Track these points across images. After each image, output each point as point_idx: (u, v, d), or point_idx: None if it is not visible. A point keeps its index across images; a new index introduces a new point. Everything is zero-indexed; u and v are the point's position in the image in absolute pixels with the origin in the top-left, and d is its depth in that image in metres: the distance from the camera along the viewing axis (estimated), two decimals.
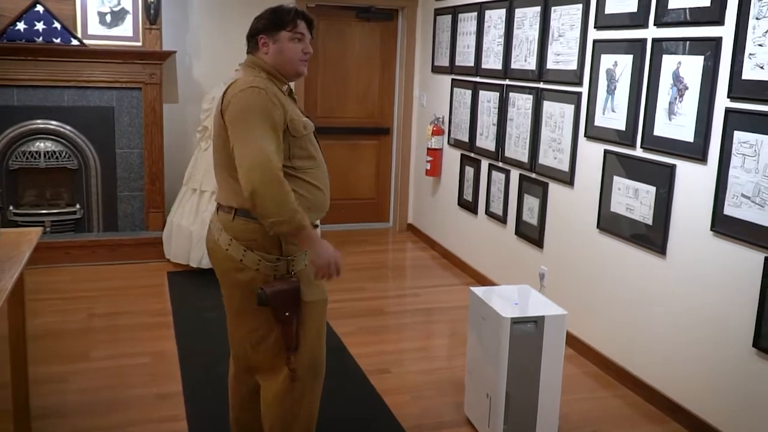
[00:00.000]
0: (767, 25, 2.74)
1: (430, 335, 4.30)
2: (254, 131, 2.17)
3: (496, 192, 4.89)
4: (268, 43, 2.35)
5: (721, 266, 3.01)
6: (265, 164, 2.12)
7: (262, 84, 2.25)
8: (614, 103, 3.63)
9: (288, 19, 2.34)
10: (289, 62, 2.36)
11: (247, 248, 2.29)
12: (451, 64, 5.53)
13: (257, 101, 2.20)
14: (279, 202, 2.13)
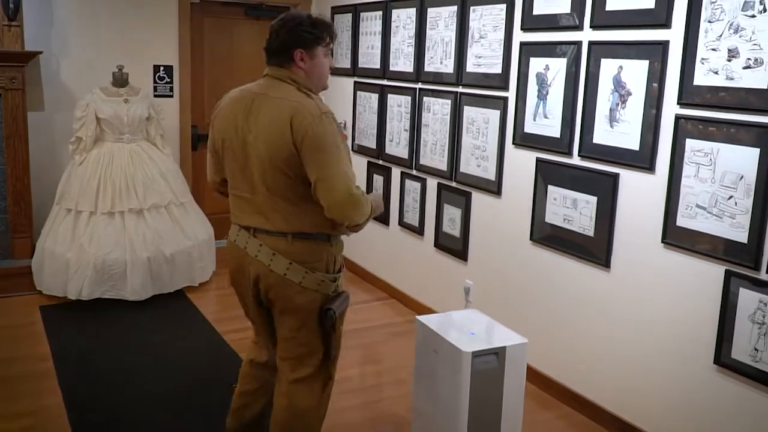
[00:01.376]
0: (721, 28, 2.63)
1: (353, 363, 3.94)
2: (338, 163, 2.20)
3: (411, 202, 4.62)
4: (305, 58, 2.32)
5: (674, 279, 2.89)
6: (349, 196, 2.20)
7: (326, 108, 2.27)
8: (547, 109, 3.45)
9: (324, 35, 2.34)
10: (321, 78, 2.38)
11: (308, 270, 2.31)
12: (354, 66, 5.20)
13: (334, 130, 2.23)
14: (365, 214, 2.29)
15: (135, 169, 4.69)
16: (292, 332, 2.40)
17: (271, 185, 2.27)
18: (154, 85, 5.29)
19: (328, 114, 2.24)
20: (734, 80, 2.60)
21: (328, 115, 2.23)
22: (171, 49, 5.33)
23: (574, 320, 3.38)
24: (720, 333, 2.72)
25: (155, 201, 4.68)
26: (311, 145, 2.18)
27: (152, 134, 4.93)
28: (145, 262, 4.54)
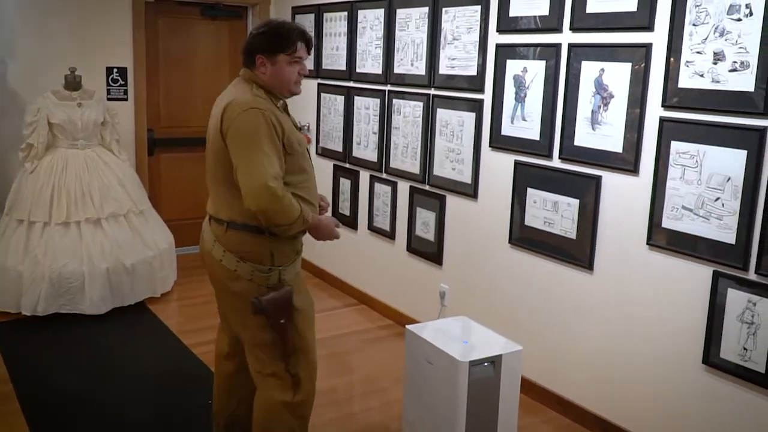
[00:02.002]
0: (706, 32, 2.65)
1: (331, 373, 3.83)
2: (256, 154, 2.24)
3: (381, 206, 4.55)
4: (266, 63, 2.39)
5: (660, 281, 2.91)
6: (264, 187, 2.21)
7: (262, 104, 2.30)
8: (525, 112, 3.43)
9: (288, 42, 2.38)
10: (284, 84, 2.41)
11: (240, 259, 2.38)
12: (317, 68, 5.09)
13: (258, 123, 2.26)
14: (284, 214, 2.28)
15: (91, 176, 4.47)
16: (238, 320, 2.50)
17: (215, 173, 2.42)
18: (107, 87, 5.06)
19: (256, 109, 2.28)
20: (720, 83, 2.62)
21: (256, 111, 2.28)
22: (125, 50, 5.11)
23: (557, 323, 3.37)
24: (708, 333, 2.74)
25: (113, 209, 4.47)
26: (233, 135, 2.28)
27: (107, 139, 4.72)
28: (103, 274, 4.33)
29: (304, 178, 2.43)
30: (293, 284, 2.45)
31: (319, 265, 5.33)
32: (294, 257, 2.48)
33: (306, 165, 2.45)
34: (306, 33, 2.46)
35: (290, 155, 2.34)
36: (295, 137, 2.39)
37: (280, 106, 2.42)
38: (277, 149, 2.29)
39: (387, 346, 4.19)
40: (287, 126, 2.38)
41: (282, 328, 2.40)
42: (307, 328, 2.53)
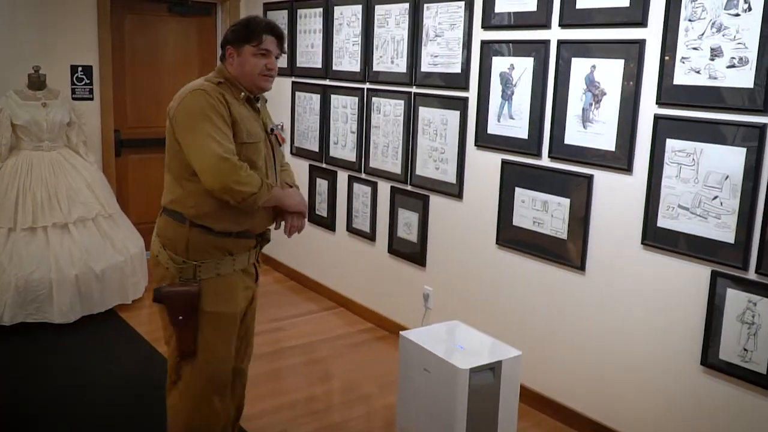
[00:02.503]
0: (703, 27, 2.61)
1: (312, 380, 3.71)
2: (201, 133, 2.22)
3: (360, 206, 4.44)
4: (234, 54, 2.40)
5: (655, 281, 2.86)
6: (219, 158, 2.18)
7: (208, 87, 2.30)
8: (512, 110, 3.36)
9: (253, 34, 2.37)
10: (249, 76, 2.38)
11: (162, 246, 2.37)
12: (291, 66, 4.95)
13: (200, 102, 2.26)
14: (248, 184, 2.22)
15: (57, 179, 4.27)
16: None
17: (167, 161, 2.40)
18: (71, 87, 4.84)
19: (200, 90, 2.28)
20: (717, 79, 2.58)
21: (201, 92, 2.27)
22: (90, 48, 4.89)
23: (547, 324, 3.31)
24: (707, 334, 2.70)
25: (81, 213, 4.28)
26: (180, 116, 2.28)
27: (74, 141, 4.51)
28: (72, 281, 4.14)
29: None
30: (211, 285, 2.34)
31: (296, 268, 5.20)
32: (220, 256, 2.35)
33: (257, 159, 2.36)
34: (276, 28, 2.42)
35: (240, 145, 2.28)
36: (246, 128, 2.32)
37: (241, 97, 2.37)
38: (224, 122, 2.25)
39: (368, 351, 4.09)
40: (240, 115, 2.32)
41: (179, 326, 2.32)
42: (214, 337, 2.38)
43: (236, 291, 2.41)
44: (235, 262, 2.39)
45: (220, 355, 2.41)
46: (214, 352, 2.38)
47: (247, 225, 2.39)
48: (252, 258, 2.47)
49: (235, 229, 2.35)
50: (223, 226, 2.32)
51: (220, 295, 2.36)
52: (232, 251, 2.38)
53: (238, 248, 2.39)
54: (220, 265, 2.35)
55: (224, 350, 2.42)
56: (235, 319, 2.43)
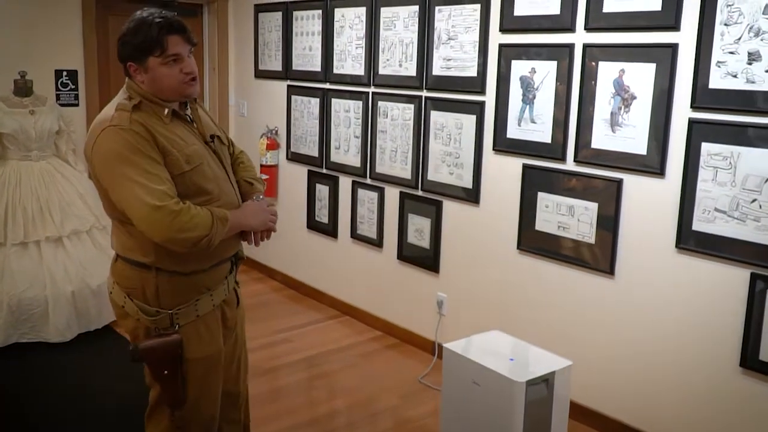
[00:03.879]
0: (739, 31, 2.61)
1: (325, 396, 3.60)
2: (124, 180, 1.93)
3: (366, 213, 4.35)
4: (139, 70, 2.05)
5: (691, 284, 2.86)
6: (150, 214, 1.90)
7: (124, 121, 1.96)
8: (534, 114, 3.32)
9: (152, 42, 1.99)
10: (168, 89, 2.05)
11: (127, 295, 2.10)
12: (286, 69, 4.83)
13: (115, 143, 1.94)
14: (195, 228, 1.94)
15: (48, 190, 4.07)
16: None
17: (102, 203, 2.14)
18: (56, 92, 4.62)
19: (114, 127, 1.95)
20: (756, 83, 2.59)
21: (113, 129, 1.95)
22: (75, 52, 4.68)
23: (575, 330, 3.29)
24: (746, 335, 2.71)
25: (75, 226, 4.09)
26: (99, 163, 1.99)
27: (63, 149, 4.31)
28: (69, 298, 3.95)
29: (204, 200, 2.06)
30: (191, 330, 2.11)
31: (293, 275, 5.08)
32: (195, 297, 2.11)
33: (205, 183, 2.08)
34: (174, 23, 2.04)
35: (178, 176, 2.00)
36: (183, 154, 2.03)
37: (166, 115, 2.05)
38: (152, 162, 1.94)
39: (383, 360, 4.01)
40: (171, 139, 2.02)
41: (166, 380, 2.11)
42: (205, 381, 2.19)
43: (217, 328, 2.19)
44: (214, 297, 2.16)
45: (209, 398, 2.23)
46: (202, 397, 2.19)
47: (218, 256, 2.15)
48: (230, 285, 2.25)
49: (208, 264, 2.12)
50: (192, 266, 2.07)
51: (201, 338, 2.14)
52: (209, 287, 2.14)
53: (215, 281, 2.16)
54: (199, 305, 2.12)
55: (212, 393, 2.24)
56: (219, 357, 2.22)
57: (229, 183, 2.21)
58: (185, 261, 2.04)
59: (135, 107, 2.01)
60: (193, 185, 2.05)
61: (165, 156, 1.99)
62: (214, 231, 1.98)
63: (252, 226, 2.17)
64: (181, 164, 2.02)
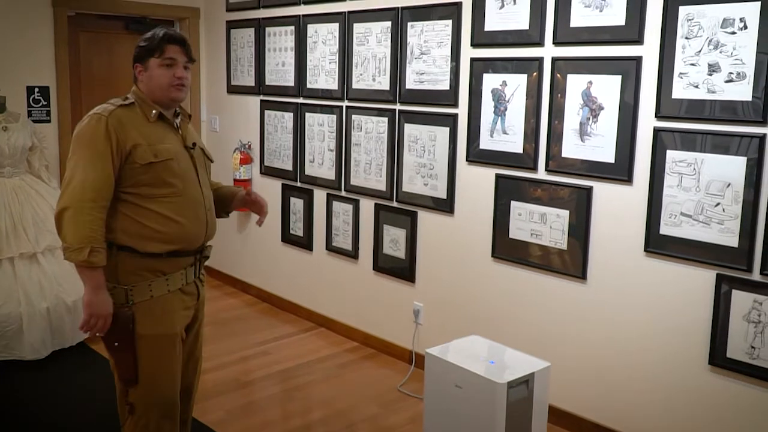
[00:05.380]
0: (699, 44, 2.75)
1: (305, 408, 3.62)
2: (78, 158, 2.22)
3: (341, 225, 4.41)
4: (141, 71, 2.38)
5: (660, 286, 2.98)
6: (75, 191, 2.18)
7: (105, 112, 2.26)
8: (506, 125, 3.43)
9: (154, 46, 2.34)
10: (159, 89, 2.35)
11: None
12: (259, 84, 4.88)
13: (87, 130, 2.24)
14: (76, 230, 2.15)
15: (22, 207, 4.04)
16: None
17: None
18: (28, 109, 4.60)
19: (95, 115, 2.26)
20: (716, 93, 2.73)
21: (95, 117, 2.26)
22: (47, 68, 4.67)
23: (549, 334, 3.38)
24: (713, 334, 2.83)
25: (50, 242, 4.06)
26: (72, 139, 2.30)
27: (36, 166, 4.29)
28: (43, 314, 3.92)
29: (167, 192, 2.31)
30: (145, 307, 2.28)
31: (267, 289, 5.10)
32: (152, 278, 2.30)
33: (169, 177, 2.31)
34: (177, 36, 2.39)
35: (141, 165, 2.25)
36: (154, 149, 2.28)
37: (152, 115, 2.33)
38: (102, 157, 2.20)
39: (359, 370, 4.05)
40: (147, 135, 2.29)
41: (116, 351, 2.29)
42: (156, 359, 2.32)
43: (173, 311, 2.35)
44: (169, 283, 2.34)
45: (163, 378, 2.35)
46: (156, 376, 2.32)
47: (178, 245, 2.34)
48: (189, 276, 2.41)
49: (164, 249, 2.31)
50: (149, 247, 2.28)
51: (155, 317, 2.31)
52: (165, 271, 2.33)
53: (171, 268, 2.35)
54: (153, 286, 2.30)
55: (167, 373, 2.36)
56: (174, 340, 2.37)
57: (197, 185, 2.42)
58: (141, 241, 2.27)
59: (124, 105, 2.30)
60: (158, 177, 2.29)
61: (133, 147, 2.25)
62: (73, 254, 2.16)
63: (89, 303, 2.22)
64: (148, 155, 2.27)
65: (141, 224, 2.27)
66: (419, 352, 3.95)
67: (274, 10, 4.69)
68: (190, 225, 2.35)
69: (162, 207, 2.29)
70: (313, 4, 4.38)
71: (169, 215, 2.30)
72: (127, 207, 2.27)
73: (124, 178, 2.26)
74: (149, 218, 2.28)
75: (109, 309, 2.24)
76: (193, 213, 2.37)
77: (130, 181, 2.27)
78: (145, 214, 2.28)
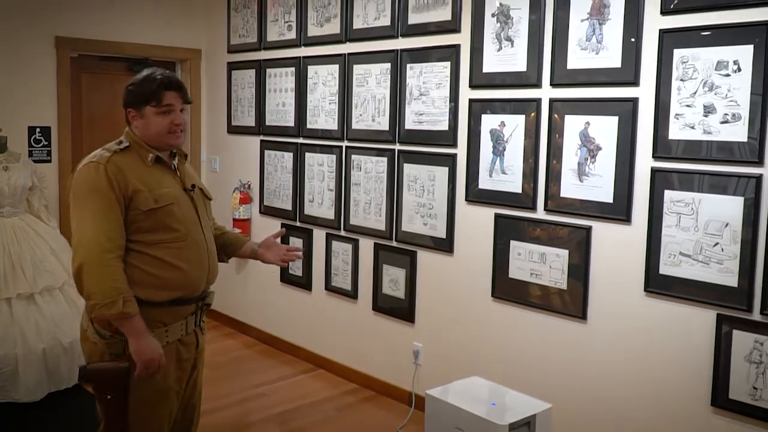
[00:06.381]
0: (695, 86, 2.79)
1: None
2: (85, 211, 2.17)
3: (341, 264, 4.41)
4: (137, 117, 2.32)
5: (660, 326, 2.97)
6: (90, 245, 2.12)
7: (103, 159, 2.22)
8: (504, 165, 3.46)
9: (150, 93, 2.29)
10: (157, 136, 2.31)
11: (91, 320, 2.24)
12: (259, 124, 4.93)
13: (90, 178, 2.19)
14: (101, 284, 2.11)
15: (20, 246, 4.04)
16: None
17: None
18: (29, 149, 4.63)
19: (93, 163, 2.22)
20: (712, 134, 2.76)
21: (93, 164, 2.22)
22: (49, 109, 4.72)
23: (550, 375, 3.36)
24: (715, 375, 2.81)
25: (48, 282, 4.05)
26: (71, 194, 2.26)
27: (35, 205, 4.30)
28: (40, 356, 3.88)
29: (170, 237, 2.27)
30: None
31: (268, 330, 5.06)
32: (151, 329, 2.22)
33: (172, 222, 2.28)
34: (174, 80, 2.34)
35: (143, 211, 2.22)
36: (154, 194, 2.24)
37: (149, 159, 2.29)
38: (111, 205, 2.17)
39: (359, 412, 4.01)
40: (146, 181, 2.25)
41: (108, 405, 2.22)
42: (150, 415, 2.27)
43: (167, 364, 2.27)
44: (168, 334, 2.28)
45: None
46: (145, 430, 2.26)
47: (180, 291, 2.29)
48: (189, 326, 2.36)
49: (166, 297, 2.25)
50: (151, 295, 2.23)
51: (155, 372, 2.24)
52: (165, 322, 2.27)
53: (172, 318, 2.29)
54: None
55: (156, 428, 2.30)
56: (166, 394, 2.31)
57: (199, 228, 2.38)
58: (143, 289, 2.20)
59: (120, 150, 2.27)
60: (160, 222, 2.26)
61: (134, 194, 2.21)
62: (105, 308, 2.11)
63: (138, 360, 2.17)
64: (149, 201, 2.24)
65: (143, 271, 2.22)
66: (419, 394, 3.90)
67: (275, 52, 4.76)
68: (192, 270, 2.31)
69: (164, 253, 2.25)
70: (313, 46, 4.45)
71: (172, 261, 2.26)
72: (129, 254, 2.22)
73: (126, 226, 2.22)
74: (151, 265, 2.24)
75: (159, 349, 2.20)
76: (196, 258, 2.33)
77: (132, 227, 2.23)
78: (147, 261, 2.23)
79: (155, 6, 5.15)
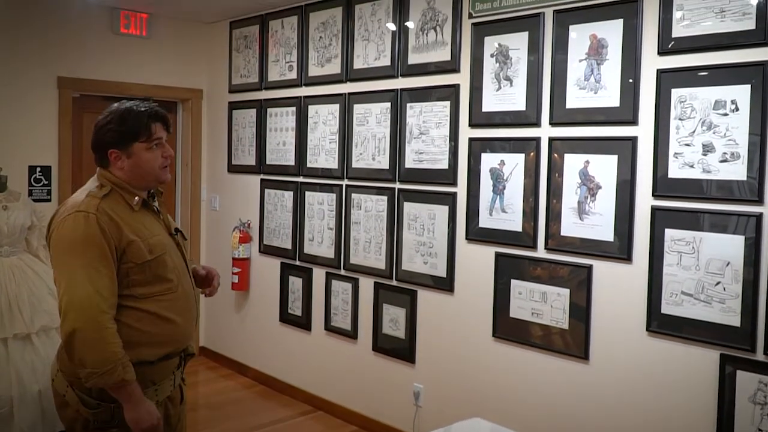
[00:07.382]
0: (693, 125, 2.81)
1: None
2: (74, 266, 1.96)
3: (340, 304, 4.37)
4: (122, 157, 2.12)
5: (663, 366, 2.93)
6: (83, 306, 1.93)
7: (91, 207, 2.02)
8: (504, 204, 3.46)
9: (142, 129, 2.11)
10: (149, 174, 2.15)
11: (70, 384, 2.05)
12: (260, 163, 4.94)
13: (79, 229, 1.99)
14: (98, 351, 1.92)
15: (18, 286, 4.00)
16: None
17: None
18: (29, 188, 4.64)
19: (81, 213, 2.00)
20: (711, 173, 2.76)
21: (82, 214, 2.00)
22: (49, 148, 4.73)
23: (552, 415, 3.30)
24: (719, 417, 2.77)
25: (45, 323, 4.00)
26: (53, 247, 2.04)
27: (34, 245, 4.28)
28: (35, 397, 3.82)
29: (162, 289, 2.12)
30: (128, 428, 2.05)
31: (266, 371, 5.00)
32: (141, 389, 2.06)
33: (166, 273, 2.12)
34: (159, 112, 2.18)
35: (137, 264, 2.04)
36: (148, 243, 2.08)
37: (135, 203, 2.12)
38: (105, 260, 1.99)
39: None
40: (137, 229, 2.09)
41: None
42: None
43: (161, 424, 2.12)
44: (158, 392, 2.13)
45: None
46: None
47: (172, 346, 2.15)
48: (177, 380, 2.23)
49: (157, 354, 2.10)
50: (142, 355, 2.06)
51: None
52: (155, 380, 2.12)
53: (161, 375, 2.14)
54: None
55: None
56: None
57: (187, 275, 2.25)
58: (133, 349, 2.02)
59: (105, 196, 2.07)
60: (153, 274, 2.10)
61: (128, 245, 2.04)
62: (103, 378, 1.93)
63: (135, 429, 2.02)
64: (144, 253, 2.07)
65: (134, 329, 2.04)
66: None
67: (276, 92, 4.80)
68: (183, 323, 2.17)
69: (157, 306, 2.09)
70: (314, 86, 4.49)
71: (165, 314, 2.11)
72: (120, 312, 2.03)
73: (118, 281, 2.03)
74: (142, 321, 2.07)
75: (157, 414, 2.03)
76: (186, 308, 2.19)
77: (124, 282, 2.04)
78: (138, 317, 2.06)
79: (157, 46, 5.21)
